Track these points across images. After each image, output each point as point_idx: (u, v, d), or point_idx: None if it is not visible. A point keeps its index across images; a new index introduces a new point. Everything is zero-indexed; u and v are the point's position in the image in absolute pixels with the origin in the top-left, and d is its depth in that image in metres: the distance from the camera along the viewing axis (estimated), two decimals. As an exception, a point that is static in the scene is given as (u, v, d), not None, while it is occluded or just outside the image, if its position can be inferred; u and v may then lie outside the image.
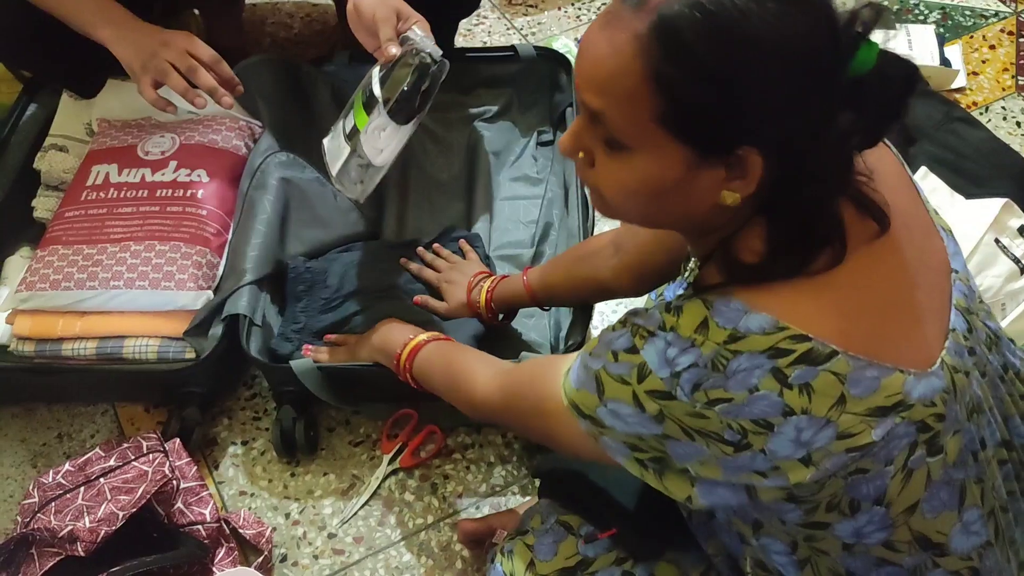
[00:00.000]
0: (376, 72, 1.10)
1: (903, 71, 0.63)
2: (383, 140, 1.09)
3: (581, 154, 0.70)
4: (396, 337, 1.10)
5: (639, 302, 0.97)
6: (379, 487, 1.26)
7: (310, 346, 1.25)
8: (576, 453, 0.78)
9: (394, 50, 1.08)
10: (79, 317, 1.26)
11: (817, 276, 0.66)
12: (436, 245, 1.39)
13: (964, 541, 0.71)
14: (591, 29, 0.66)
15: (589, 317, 1.26)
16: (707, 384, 0.65)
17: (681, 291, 1.04)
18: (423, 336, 1.07)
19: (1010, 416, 0.77)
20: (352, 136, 1.10)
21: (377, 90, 1.07)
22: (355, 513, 1.24)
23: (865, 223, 0.69)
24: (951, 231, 0.79)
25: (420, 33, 1.10)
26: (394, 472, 1.27)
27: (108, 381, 1.31)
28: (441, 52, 1.10)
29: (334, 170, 1.13)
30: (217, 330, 1.24)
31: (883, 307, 0.68)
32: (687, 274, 0.84)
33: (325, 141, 1.15)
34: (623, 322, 0.71)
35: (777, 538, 0.75)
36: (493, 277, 1.27)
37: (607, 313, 1.44)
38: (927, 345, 0.69)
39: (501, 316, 1.27)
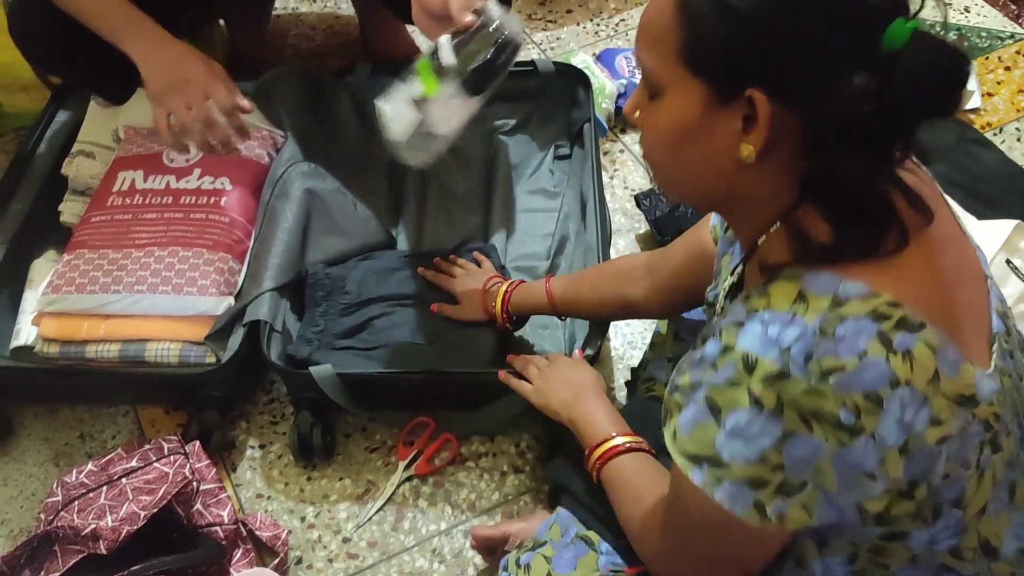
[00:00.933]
0: (447, 41, 1.07)
1: (947, 62, 0.62)
2: (453, 110, 1.08)
3: (637, 112, 0.73)
4: (596, 427, 1.01)
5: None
6: (394, 493, 1.27)
7: (505, 373, 1.19)
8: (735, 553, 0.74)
9: (470, 18, 1.07)
10: (103, 320, 1.29)
11: (887, 259, 0.66)
12: (452, 255, 1.41)
13: (1011, 545, 0.72)
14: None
15: (604, 331, 1.28)
16: (819, 352, 0.63)
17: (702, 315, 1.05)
18: (620, 441, 0.97)
19: None
20: (421, 103, 1.07)
21: (452, 59, 1.06)
22: (370, 518, 1.26)
23: (915, 215, 0.68)
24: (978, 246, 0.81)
25: (497, 7, 1.08)
26: (409, 479, 1.29)
27: (130, 383, 1.33)
28: (520, 27, 1.09)
29: (395, 134, 1.10)
30: (238, 335, 1.27)
31: (950, 297, 0.68)
32: (723, 281, 0.85)
33: (382, 103, 1.10)
34: (702, 339, 0.70)
35: (838, 553, 0.74)
36: (509, 281, 1.28)
37: (620, 326, 1.45)
38: (982, 346, 0.70)
39: (514, 319, 1.27)
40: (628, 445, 0.96)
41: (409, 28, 1.80)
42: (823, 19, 0.62)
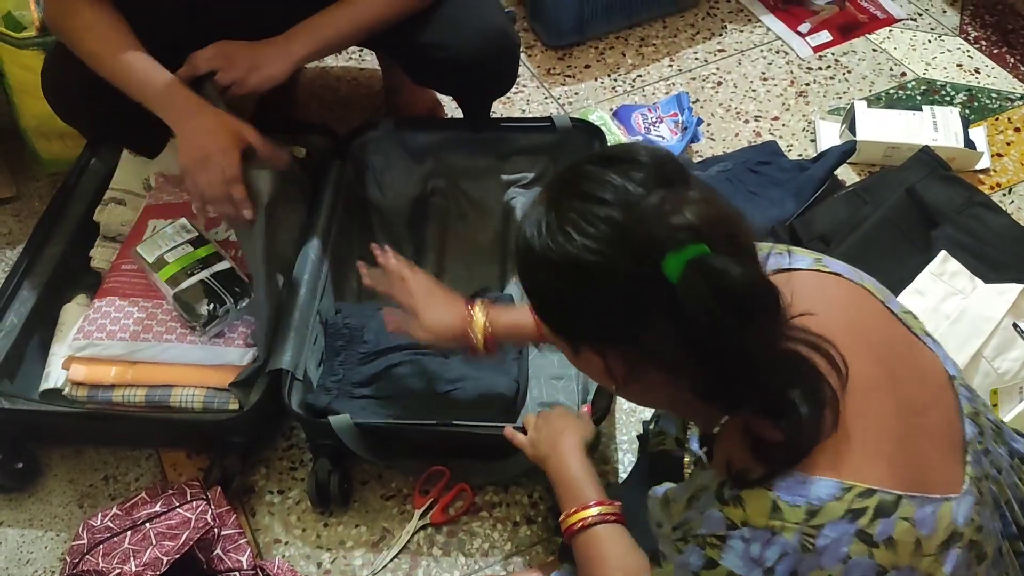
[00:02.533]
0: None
1: (727, 285, 0.62)
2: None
3: None
4: (573, 490, 1.03)
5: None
6: (409, 541, 1.30)
7: (509, 429, 1.19)
8: None
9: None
10: (131, 366, 1.33)
11: (837, 432, 0.66)
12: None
13: None
14: None
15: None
16: (802, 568, 0.64)
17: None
18: (595, 512, 0.99)
19: (1021, 500, 0.79)
20: None
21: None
22: (384, 566, 1.28)
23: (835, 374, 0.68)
24: (927, 332, 0.80)
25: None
26: (423, 527, 1.31)
27: (154, 428, 1.37)
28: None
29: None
30: (260, 383, 1.30)
31: (910, 442, 0.69)
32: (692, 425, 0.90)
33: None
34: (683, 538, 0.71)
35: None
36: (480, 303, 1.18)
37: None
38: (953, 466, 0.70)
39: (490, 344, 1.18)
40: (601, 516, 0.98)
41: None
42: (608, 281, 0.66)
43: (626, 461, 1.37)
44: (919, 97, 1.91)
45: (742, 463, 0.68)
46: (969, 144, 1.72)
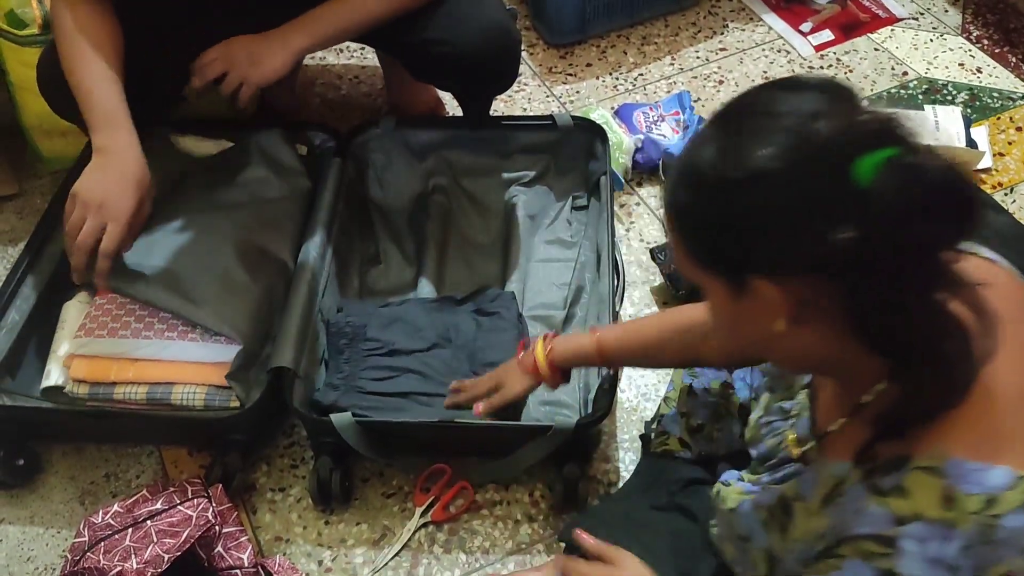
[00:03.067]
0: None
1: (929, 186, 0.58)
2: None
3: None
4: None
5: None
6: (410, 539, 1.30)
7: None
8: None
9: None
10: (132, 363, 1.33)
11: (987, 397, 0.63)
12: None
13: None
14: None
15: (617, 381, 1.31)
16: (986, 561, 0.60)
17: (756, 382, 1.03)
18: None
19: None
20: None
21: None
22: (386, 563, 1.28)
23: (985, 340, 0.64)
24: None
25: None
26: (424, 525, 1.31)
27: (155, 425, 1.37)
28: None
29: None
30: (262, 380, 1.31)
31: None
32: (796, 405, 0.83)
33: None
34: (836, 546, 0.65)
35: None
36: (543, 336, 1.19)
37: (634, 376, 1.48)
38: None
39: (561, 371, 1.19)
40: None
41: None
42: (790, 194, 0.61)
43: (627, 460, 1.37)
44: (921, 96, 1.91)
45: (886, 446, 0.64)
46: (971, 143, 1.72)
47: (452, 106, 1.89)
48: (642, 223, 1.71)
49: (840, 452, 0.71)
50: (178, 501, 1.21)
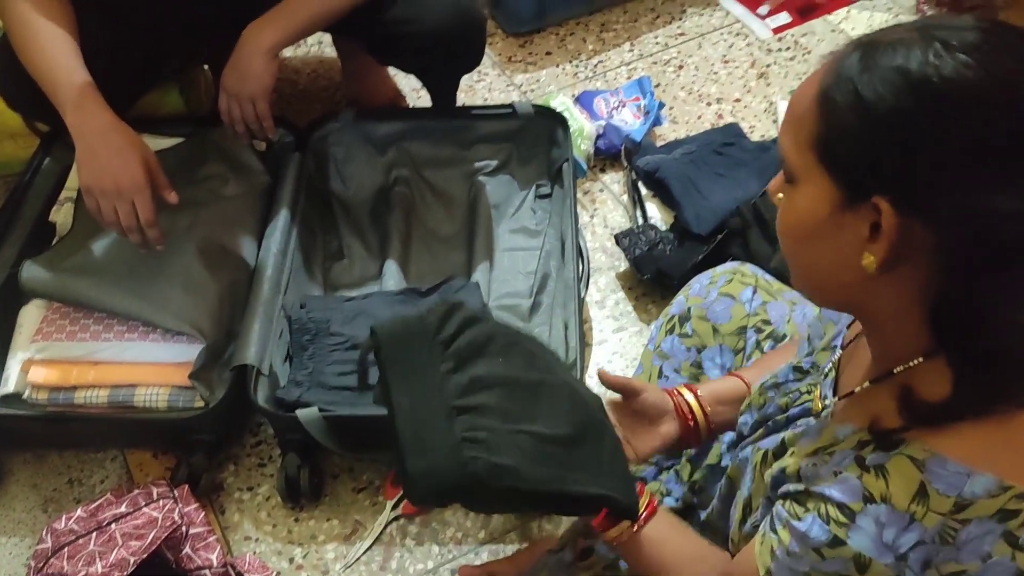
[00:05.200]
0: None
1: None
2: None
3: (780, 195, 0.67)
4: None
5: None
6: (381, 533, 1.29)
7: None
8: None
9: None
10: (92, 366, 1.31)
11: (1015, 425, 0.60)
12: None
13: None
14: None
15: (585, 370, 1.30)
16: (938, 559, 0.59)
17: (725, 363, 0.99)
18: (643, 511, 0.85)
19: None
20: None
21: None
22: (358, 558, 1.27)
23: None
24: None
25: None
26: (396, 518, 1.30)
27: (119, 428, 1.35)
28: None
29: None
30: (225, 379, 1.29)
31: None
32: (828, 370, 0.79)
33: None
34: (805, 494, 0.65)
35: None
36: (685, 388, 1.00)
37: (602, 364, 1.48)
38: None
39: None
40: (647, 514, 0.85)
41: (392, 72, 1.84)
42: (969, 129, 0.55)
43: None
44: None
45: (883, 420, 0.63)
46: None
47: (413, 99, 1.88)
48: (606, 209, 1.71)
49: (852, 416, 0.69)
50: (143, 503, 1.19)
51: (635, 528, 0.84)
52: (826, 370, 0.80)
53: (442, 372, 0.84)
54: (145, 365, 1.31)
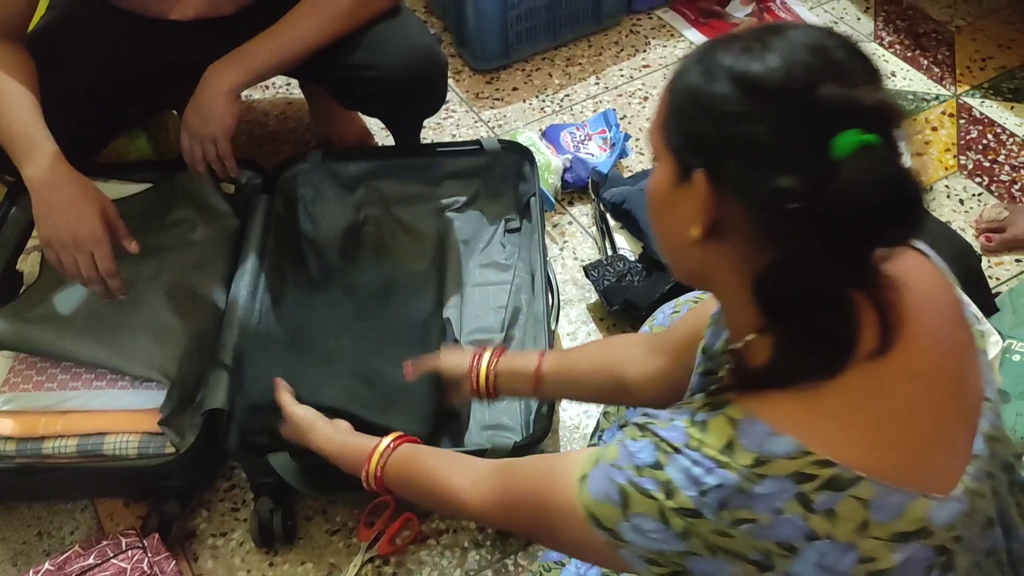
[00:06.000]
0: None
1: (893, 184, 0.61)
2: None
3: None
4: (355, 445, 1.06)
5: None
6: (357, 575, 1.28)
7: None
8: (584, 558, 0.78)
9: None
10: (60, 415, 1.29)
11: (834, 398, 0.66)
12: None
13: None
14: None
15: (557, 400, 1.31)
16: (733, 504, 0.65)
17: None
18: (387, 441, 1.03)
19: (1015, 526, 0.78)
20: None
21: None
22: (333, 602, 1.26)
23: (880, 341, 0.67)
24: (984, 351, 0.78)
25: None
26: (371, 560, 1.29)
27: (88, 478, 1.33)
28: None
29: None
30: (196, 424, 1.28)
31: (911, 430, 0.68)
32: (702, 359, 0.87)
33: None
34: (642, 428, 0.72)
35: None
36: (497, 347, 1.19)
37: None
38: (951, 470, 0.69)
39: (492, 389, 1.17)
40: (395, 443, 1.02)
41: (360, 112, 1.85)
42: (771, 117, 0.64)
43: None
44: (905, 122, 1.95)
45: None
46: (889, 145, 1.76)
47: (381, 137, 1.89)
48: (575, 241, 1.72)
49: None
50: (112, 554, 1.18)
51: (378, 457, 1.01)
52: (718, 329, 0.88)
53: None
54: (114, 413, 1.30)
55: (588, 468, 0.74)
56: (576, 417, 1.45)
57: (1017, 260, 1.63)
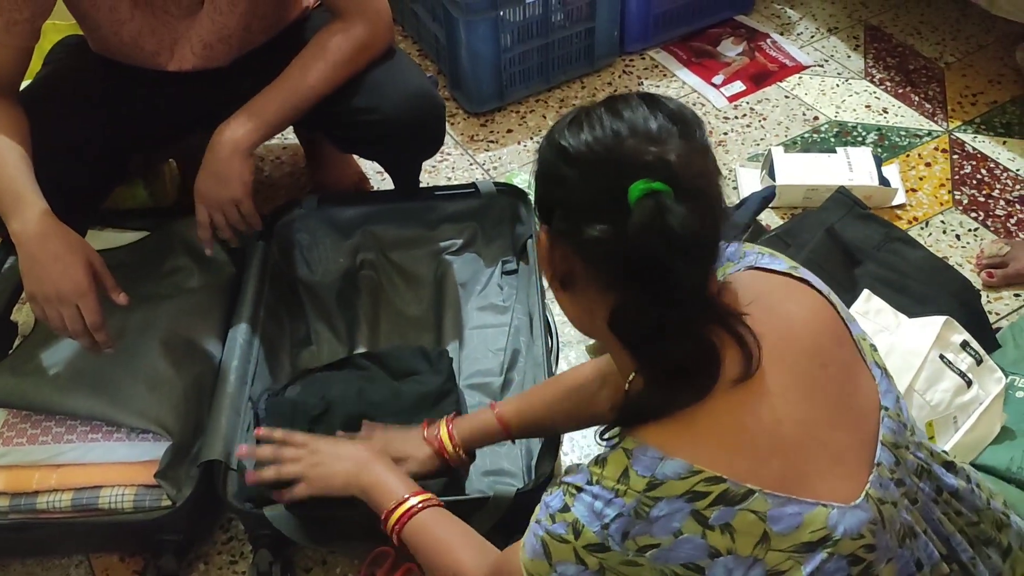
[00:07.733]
0: None
1: (663, 230, 0.68)
2: None
3: None
4: (390, 491, 1.08)
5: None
6: (357, 628, 1.26)
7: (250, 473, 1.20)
8: None
9: None
10: (55, 469, 1.28)
11: (716, 411, 0.72)
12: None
13: None
14: None
15: (559, 444, 1.29)
16: (634, 531, 0.70)
17: None
18: (415, 501, 1.06)
19: (950, 534, 0.82)
20: None
21: None
22: (333, 657, 1.23)
23: (745, 363, 0.73)
24: (885, 368, 0.83)
25: None
26: (371, 612, 1.27)
27: (83, 532, 1.31)
28: None
29: None
30: (193, 476, 1.26)
31: (789, 443, 0.73)
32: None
33: None
34: (559, 483, 0.78)
35: None
36: (443, 420, 1.24)
37: (577, 438, 1.47)
38: (849, 480, 0.73)
39: (467, 453, 1.23)
40: (423, 504, 1.05)
41: (355, 156, 1.85)
42: (581, 177, 0.73)
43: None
44: (833, 139, 1.97)
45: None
46: (883, 181, 1.77)
47: (377, 181, 1.89)
48: (573, 283, 1.71)
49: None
50: (108, 612, 1.15)
51: (403, 511, 1.04)
52: None
53: None
54: (109, 465, 1.28)
55: (526, 537, 0.80)
56: (577, 460, 1.43)
57: (1016, 295, 1.63)
